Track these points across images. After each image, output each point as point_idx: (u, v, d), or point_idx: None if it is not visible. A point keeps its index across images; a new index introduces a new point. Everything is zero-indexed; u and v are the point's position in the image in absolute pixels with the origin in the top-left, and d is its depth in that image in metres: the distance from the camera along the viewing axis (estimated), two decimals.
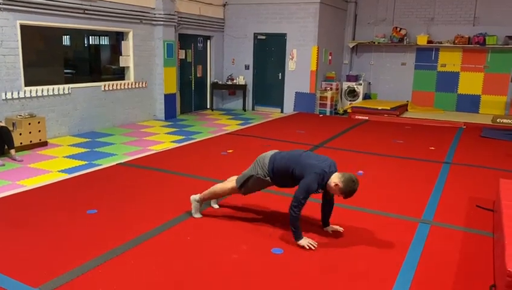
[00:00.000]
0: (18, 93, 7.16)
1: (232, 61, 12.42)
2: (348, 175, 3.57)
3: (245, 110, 12.23)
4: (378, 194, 5.11)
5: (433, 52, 12.04)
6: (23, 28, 7.21)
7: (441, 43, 11.78)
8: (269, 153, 3.96)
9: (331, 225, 4.00)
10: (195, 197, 4.23)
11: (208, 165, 6.21)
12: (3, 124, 6.43)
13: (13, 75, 7.08)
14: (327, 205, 3.94)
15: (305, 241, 3.62)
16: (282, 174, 3.79)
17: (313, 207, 4.20)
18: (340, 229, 3.98)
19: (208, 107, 12.30)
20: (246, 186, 3.98)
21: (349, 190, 3.52)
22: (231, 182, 4.12)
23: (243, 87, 12.17)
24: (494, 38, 11.07)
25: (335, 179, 3.57)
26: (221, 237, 3.82)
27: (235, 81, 12.19)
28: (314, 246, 3.60)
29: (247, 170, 4.03)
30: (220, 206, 4.50)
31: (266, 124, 9.90)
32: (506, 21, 11.03)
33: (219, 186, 4.19)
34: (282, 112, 12.02)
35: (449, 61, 11.90)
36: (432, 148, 7.63)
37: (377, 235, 3.93)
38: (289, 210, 3.64)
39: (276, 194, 4.91)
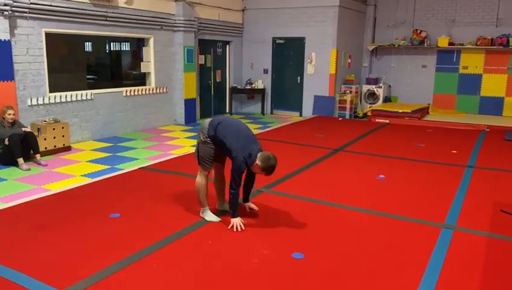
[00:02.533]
0: (43, 99, 7.34)
1: (251, 65, 12.46)
2: (266, 154, 3.91)
3: (264, 114, 12.25)
4: (400, 198, 5.06)
5: (455, 54, 11.85)
6: (48, 35, 7.39)
7: (462, 45, 11.59)
8: (207, 120, 4.19)
9: (249, 203, 4.36)
10: (200, 212, 4.32)
11: (227, 168, 6.21)
12: (29, 130, 6.60)
13: (38, 81, 7.26)
14: (249, 182, 4.29)
15: (237, 220, 4.00)
16: (219, 143, 4.04)
17: (315, 208, 4.18)
18: (256, 208, 4.33)
19: (227, 111, 12.37)
20: (200, 157, 4.17)
21: (267, 166, 3.86)
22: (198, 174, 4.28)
23: (262, 91, 12.20)
24: None
25: (256, 159, 3.90)
26: (242, 241, 3.84)
27: (253, 85, 12.23)
28: (242, 228, 3.96)
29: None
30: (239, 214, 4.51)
31: (285, 128, 9.90)
32: None
33: (196, 181, 4.28)
34: (300, 115, 12.00)
35: (471, 63, 11.70)
36: (454, 151, 7.50)
37: (399, 240, 3.89)
38: (229, 191, 4.00)
39: (295, 199, 4.92)
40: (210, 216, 4.26)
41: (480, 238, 3.96)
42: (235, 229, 3.97)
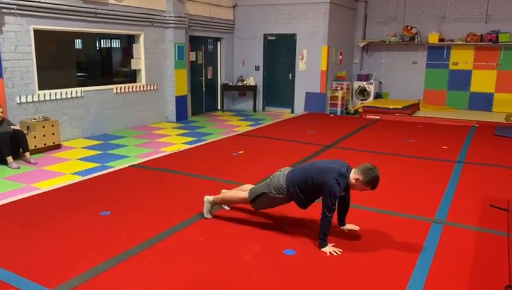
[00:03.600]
0: (32, 97, 7.26)
1: (242, 62, 12.44)
2: (363, 166, 3.56)
3: (255, 111, 12.25)
4: (391, 194, 5.08)
5: (445, 51, 11.93)
6: (37, 32, 7.32)
7: (452, 41, 11.67)
8: (282, 172, 3.89)
9: (347, 224, 3.98)
10: (208, 198, 4.24)
11: (220, 166, 6.23)
12: (18, 128, 6.53)
13: (27, 79, 7.19)
14: (345, 205, 3.87)
15: (330, 249, 3.56)
16: (302, 188, 3.69)
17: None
18: (356, 227, 3.96)
19: (219, 108, 12.35)
20: (258, 202, 3.92)
21: (371, 178, 3.49)
22: (244, 193, 4.05)
23: (253, 88, 12.19)
24: (507, 36, 10.94)
25: (353, 175, 3.55)
26: (234, 238, 3.84)
27: (245, 82, 12.22)
28: (338, 253, 3.53)
29: (260, 185, 3.97)
30: (231, 207, 4.51)
31: (277, 125, 9.91)
32: None
33: (231, 194, 4.20)
34: (292, 112, 12.02)
35: (461, 59, 11.79)
36: (445, 147, 7.56)
37: (389, 236, 3.92)
38: (322, 219, 3.56)
39: None
40: (208, 212, 4.23)
41: (470, 232, 4.00)
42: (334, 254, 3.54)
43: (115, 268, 3.26)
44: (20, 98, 7.08)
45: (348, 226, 3.96)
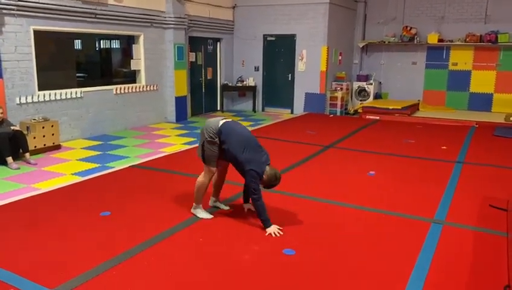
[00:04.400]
0: (32, 97, 7.27)
1: (242, 63, 12.45)
2: (273, 172, 3.94)
3: (255, 112, 12.25)
4: (390, 194, 5.10)
5: (444, 51, 11.94)
6: (36, 33, 7.32)
7: (452, 41, 11.68)
8: (215, 120, 4.13)
9: (250, 203, 4.29)
10: (192, 207, 4.32)
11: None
12: (17, 128, 6.54)
13: (27, 79, 7.19)
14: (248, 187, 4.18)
15: (273, 228, 3.88)
16: (226, 151, 4.02)
17: (305, 205, 4.19)
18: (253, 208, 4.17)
19: (219, 108, 12.35)
20: (206, 156, 4.10)
21: (269, 184, 3.97)
22: (202, 174, 4.25)
23: (253, 89, 12.20)
24: (507, 36, 10.95)
25: (264, 173, 3.91)
26: (233, 237, 3.85)
27: (245, 82, 12.22)
28: (280, 233, 3.84)
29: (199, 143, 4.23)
30: (230, 207, 4.52)
31: (276, 125, 9.92)
32: None
33: (198, 179, 4.26)
34: (292, 112, 12.02)
35: (460, 59, 11.79)
36: (444, 147, 7.57)
37: (389, 236, 3.93)
38: (254, 203, 3.96)
39: (285, 195, 4.93)
40: (202, 213, 4.27)
41: (469, 232, 4.00)
42: (273, 235, 3.83)
43: (115, 268, 3.27)
44: (20, 99, 7.09)
45: (250, 206, 4.31)
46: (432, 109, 11.78)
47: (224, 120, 4.15)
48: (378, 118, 10.86)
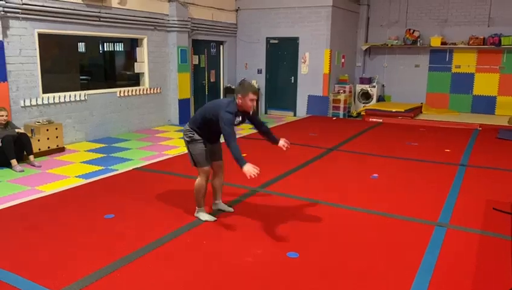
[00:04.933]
0: (36, 100, 7.30)
1: (245, 65, 12.47)
2: (238, 86, 4.07)
3: (258, 114, 12.24)
4: (394, 197, 5.09)
5: (447, 54, 11.93)
6: (41, 36, 7.36)
7: (455, 44, 11.67)
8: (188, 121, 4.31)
9: (280, 139, 4.30)
10: (195, 212, 4.33)
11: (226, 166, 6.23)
12: (22, 131, 6.56)
13: (31, 82, 7.23)
14: (260, 127, 4.33)
15: (249, 166, 3.72)
16: (205, 125, 4.11)
17: (309, 208, 4.19)
18: (285, 144, 4.28)
19: None
20: (194, 157, 4.19)
21: (243, 87, 3.97)
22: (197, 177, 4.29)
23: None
24: (510, 39, 10.92)
25: (236, 99, 3.99)
26: (237, 240, 3.85)
27: None
28: (256, 173, 3.69)
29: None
30: (234, 210, 4.53)
31: (279, 128, 9.92)
32: None
33: (195, 183, 4.27)
34: (295, 115, 12.03)
35: (464, 62, 11.78)
36: (448, 150, 7.56)
37: (392, 239, 3.92)
38: (228, 146, 3.87)
39: (288, 198, 4.94)
40: (205, 216, 4.28)
41: (473, 236, 4.00)
42: (248, 176, 3.66)
43: (119, 271, 3.28)
44: (24, 102, 7.12)
45: (282, 141, 4.30)
46: (435, 112, 11.76)
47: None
48: (381, 120, 10.85)
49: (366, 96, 12.24)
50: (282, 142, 4.30)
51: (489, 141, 8.49)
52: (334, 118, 11.44)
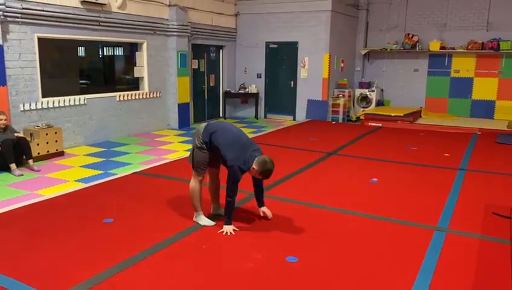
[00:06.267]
0: (36, 104, 7.31)
1: (245, 70, 12.50)
2: (262, 157, 3.90)
3: (257, 118, 12.28)
4: (393, 201, 5.09)
5: (446, 58, 11.97)
6: (40, 40, 7.38)
7: (454, 49, 11.71)
8: (203, 125, 4.23)
9: (265, 207, 4.38)
10: (194, 217, 4.34)
11: (222, 173, 6.22)
12: (21, 135, 6.57)
13: (31, 86, 7.24)
14: (257, 187, 4.30)
15: (230, 228, 4.04)
16: (215, 150, 4.08)
17: (308, 212, 4.18)
18: (269, 215, 4.34)
19: (221, 115, 12.38)
20: (195, 162, 4.19)
21: (263, 170, 3.89)
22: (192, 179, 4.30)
23: (255, 96, 12.23)
24: (508, 44, 10.97)
25: (253, 163, 3.89)
26: (236, 245, 3.84)
27: (247, 89, 12.26)
28: (232, 233, 4.00)
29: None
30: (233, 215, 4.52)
31: (279, 132, 9.93)
32: None
33: (189, 186, 4.29)
34: (294, 119, 12.04)
35: (462, 67, 11.81)
36: (447, 154, 7.56)
37: (392, 243, 3.92)
38: (226, 198, 4.01)
39: (289, 202, 4.93)
40: (204, 220, 4.27)
41: (472, 240, 3.99)
42: (224, 233, 4.02)
43: (117, 276, 3.27)
44: (23, 106, 7.13)
45: (264, 210, 4.37)
46: (434, 116, 11.78)
47: (210, 123, 4.27)
48: (380, 125, 10.86)
49: (365, 100, 12.26)
50: (263, 209, 4.39)
51: (488, 145, 8.50)
52: (333, 123, 11.46)
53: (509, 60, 11.26)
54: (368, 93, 12.23)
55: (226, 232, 4.02)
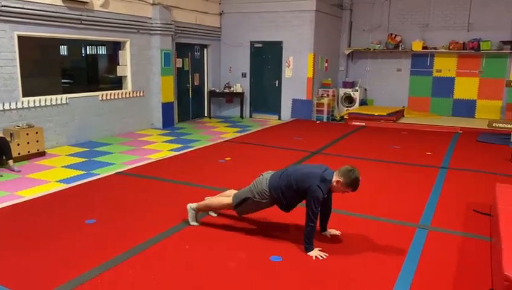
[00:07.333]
0: (16, 104, 7.18)
1: (229, 69, 12.47)
2: (343, 168, 3.62)
3: (242, 118, 12.26)
4: (375, 199, 5.13)
5: (428, 58, 12.12)
6: (21, 38, 7.24)
7: (436, 48, 11.87)
8: (265, 177, 3.92)
9: (328, 229, 4.03)
10: (192, 205, 4.25)
11: (206, 173, 6.22)
12: (1, 135, 6.44)
13: (11, 86, 7.10)
14: (326, 209, 3.93)
15: (316, 253, 3.62)
16: (286, 193, 3.76)
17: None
18: (338, 232, 4.04)
19: (206, 115, 12.33)
20: (242, 207, 3.98)
21: (351, 180, 3.55)
22: (228, 198, 4.09)
23: (240, 95, 12.22)
24: (488, 44, 11.17)
25: (334, 177, 3.62)
26: (220, 245, 3.83)
27: (232, 89, 12.24)
28: (323, 257, 3.58)
29: (244, 190, 4.01)
30: (218, 214, 4.51)
31: (264, 131, 9.93)
32: (500, 26, 11.13)
33: (215, 201, 4.22)
34: (279, 118, 12.06)
35: (444, 66, 11.98)
36: (429, 153, 7.66)
37: (374, 241, 3.95)
38: (307, 224, 3.62)
39: None
40: (193, 220, 4.23)
41: (454, 237, 4.05)
42: (314, 258, 3.58)
43: (99, 277, 3.23)
44: (3, 105, 6.99)
45: (331, 231, 4.02)
46: (417, 115, 11.93)
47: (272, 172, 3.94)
48: (364, 124, 10.95)
49: (349, 100, 12.35)
50: (332, 232, 4.00)
51: (469, 144, 8.64)
52: (317, 122, 11.51)
53: (489, 60, 11.46)
54: (351, 92, 12.31)
55: (317, 256, 3.58)
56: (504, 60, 11.27)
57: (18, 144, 6.79)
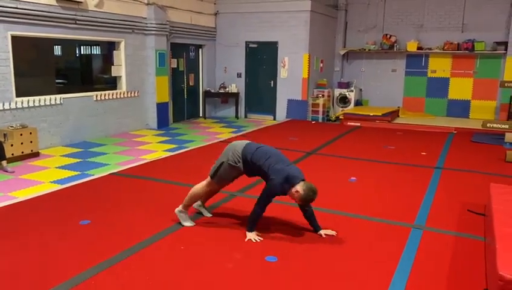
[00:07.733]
0: (9, 104, 7.13)
1: (224, 69, 12.46)
2: (309, 185, 3.77)
3: (238, 118, 12.26)
4: (370, 200, 5.14)
5: (423, 59, 12.17)
6: (14, 38, 7.20)
7: (430, 49, 11.91)
8: (241, 143, 4.12)
9: (323, 229, 4.05)
10: (178, 209, 4.27)
11: (202, 173, 6.16)
12: None
13: (4, 86, 7.05)
14: (307, 213, 4.05)
15: (252, 235, 3.88)
16: (253, 167, 3.97)
17: (287, 211, 4.20)
18: (333, 233, 4.05)
19: (201, 115, 12.31)
20: (218, 174, 4.07)
21: (308, 198, 3.76)
22: (207, 179, 4.19)
23: (236, 95, 12.21)
24: (483, 44, 11.22)
25: (297, 186, 3.75)
26: (215, 245, 3.82)
27: (227, 89, 12.23)
28: (258, 240, 3.85)
29: (218, 159, 4.14)
30: (213, 214, 4.50)
31: (259, 132, 9.93)
32: (494, 27, 11.19)
33: (195, 187, 4.24)
34: (274, 119, 12.06)
35: (439, 67, 12.03)
36: (424, 153, 7.69)
37: (369, 241, 3.96)
38: (253, 210, 3.90)
39: None
40: (186, 220, 4.23)
41: (448, 237, 4.06)
42: (248, 240, 3.88)
43: (93, 278, 3.21)
44: None
45: (325, 231, 4.05)
46: (411, 116, 11.97)
47: (251, 142, 4.15)
48: (359, 124, 10.97)
49: (344, 100, 12.37)
50: (326, 231, 4.05)
51: (464, 144, 8.68)
52: (313, 122, 11.52)
53: (483, 61, 11.52)
54: (346, 93, 12.33)
55: (251, 239, 3.86)
56: (498, 60, 11.33)
57: (12, 145, 6.74)
